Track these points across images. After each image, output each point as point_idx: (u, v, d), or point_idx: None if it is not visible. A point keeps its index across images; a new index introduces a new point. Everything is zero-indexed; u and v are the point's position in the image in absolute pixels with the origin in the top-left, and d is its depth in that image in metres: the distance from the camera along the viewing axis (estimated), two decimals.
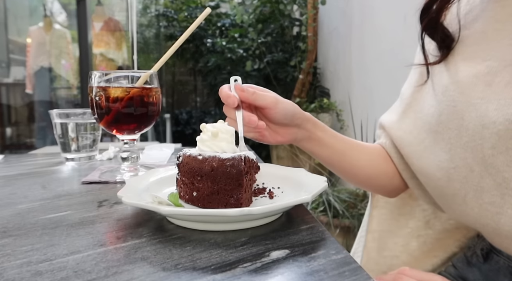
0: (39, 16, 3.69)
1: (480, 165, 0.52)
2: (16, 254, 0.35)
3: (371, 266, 0.78)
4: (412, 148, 0.63)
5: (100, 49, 3.79)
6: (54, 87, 3.84)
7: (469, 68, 0.54)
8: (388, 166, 0.69)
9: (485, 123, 0.50)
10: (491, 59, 0.51)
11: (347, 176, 0.71)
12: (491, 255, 0.61)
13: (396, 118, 0.67)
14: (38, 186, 0.62)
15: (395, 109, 0.69)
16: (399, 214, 0.80)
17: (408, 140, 0.63)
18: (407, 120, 0.64)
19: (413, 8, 0.57)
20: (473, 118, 0.51)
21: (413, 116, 0.63)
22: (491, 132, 0.49)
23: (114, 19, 3.87)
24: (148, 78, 0.64)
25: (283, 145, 3.06)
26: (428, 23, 0.57)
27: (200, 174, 0.44)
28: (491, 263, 0.61)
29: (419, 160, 0.61)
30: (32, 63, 3.53)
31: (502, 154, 0.49)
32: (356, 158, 0.68)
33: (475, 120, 0.51)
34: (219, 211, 0.37)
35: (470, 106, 0.52)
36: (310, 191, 0.43)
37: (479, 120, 0.51)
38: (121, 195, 0.42)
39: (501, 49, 0.50)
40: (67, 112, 0.83)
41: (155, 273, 0.31)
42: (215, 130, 0.45)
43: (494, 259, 0.60)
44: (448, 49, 0.57)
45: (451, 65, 0.57)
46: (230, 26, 4.31)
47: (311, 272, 0.31)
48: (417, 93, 0.63)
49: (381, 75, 2.19)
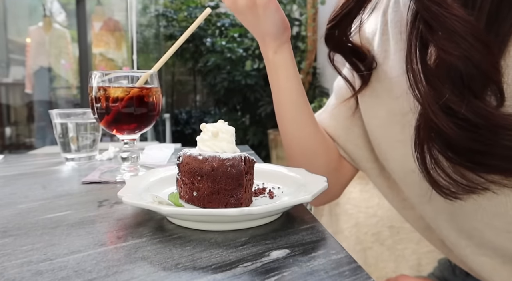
0: (38, 16, 3.69)
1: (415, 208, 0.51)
2: (16, 254, 0.35)
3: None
4: (370, 165, 0.59)
5: (100, 49, 3.79)
6: (54, 87, 3.83)
7: (386, 102, 0.50)
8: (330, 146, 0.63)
9: (406, 170, 0.47)
10: (401, 96, 0.46)
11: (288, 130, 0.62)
12: None
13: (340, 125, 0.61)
14: (38, 186, 0.62)
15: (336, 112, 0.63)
16: (366, 206, 0.79)
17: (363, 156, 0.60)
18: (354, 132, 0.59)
19: None
20: (396, 164, 0.49)
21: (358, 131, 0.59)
22: (412, 180, 0.46)
23: (113, 19, 3.87)
24: (148, 78, 0.64)
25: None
26: (334, 45, 0.54)
27: (200, 174, 0.44)
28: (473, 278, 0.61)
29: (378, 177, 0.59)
30: (32, 63, 3.53)
31: (428, 204, 0.47)
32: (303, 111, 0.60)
33: (398, 166, 0.49)
34: (219, 211, 0.37)
35: (391, 149, 0.49)
36: (310, 191, 0.43)
37: (401, 165, 0.48)
38: (121, 195, 0.42)
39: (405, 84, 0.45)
40: (67, 112, 0.83)
41: (156, 273, 0.31)
42: (215, 130, 0.45)
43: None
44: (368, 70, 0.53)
45: (370, 93, 0.53)
46: (230, 25, 4.32)
47: (311, 272, 0.31)
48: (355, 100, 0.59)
49: None
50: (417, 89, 0.38)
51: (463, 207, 0.44)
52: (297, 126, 0.60)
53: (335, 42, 0.54)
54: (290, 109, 0.60)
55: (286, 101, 0.59)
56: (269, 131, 3.45)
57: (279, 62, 0.58)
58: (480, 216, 0.43)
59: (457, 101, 0.35)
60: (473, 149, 0.37)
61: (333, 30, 0.52)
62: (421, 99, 0.38)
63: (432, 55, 0.38)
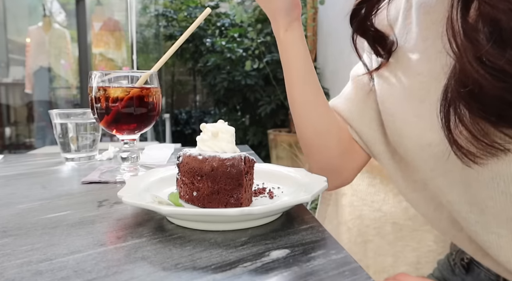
0: (38, 16, 3.69)
1: (427, 185, 0.52)
2: (16, 254, 0.35)
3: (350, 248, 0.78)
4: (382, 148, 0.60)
5: (100, 49, 3.79)
6: (54, 87, 3.84)
7: (403, 81, 0.52)
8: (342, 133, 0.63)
9: (422, 144, 0.48)
10: (422, 73, 0.49)
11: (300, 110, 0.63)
12: (472, 266, 0.61)
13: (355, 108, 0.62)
14: (38, 186, 0.62)
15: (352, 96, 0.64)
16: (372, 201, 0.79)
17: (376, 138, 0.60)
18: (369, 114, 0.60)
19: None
20: (411, 138, 0.50)
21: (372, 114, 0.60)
22: (428, 154, 0.48)
23: (113, 19, 3.88)
24: (148, 78, 0.64)
25: (283, 145, 3.07)
26: (359, 25, 0.56)
27: (200, 174, 0.44)
28: (473, 274, 0.61)
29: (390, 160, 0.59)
30: (32, 63, 3.53)
31: (442, 177, 0.48)
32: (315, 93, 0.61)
33: (413, 140, 0.50)
34: (219, 211, 0.37)
35: (407, 124, 0.50)
36: (310, 191, 0.43)
37: (416, 140, 0.49)
38: (121, 195, 0.42)
39: (430, 61, 0.48)
40: (67, 112, 0.83)
41: (155, 273, 0.31)
42: (215, 130, 0.45)
43: (475, 271, 0.61)
44: (387, 54, 0.55)
45: (389, 73, 0.55)
46: (230, 26, 4.32)
47: (311, 272, 0.31)
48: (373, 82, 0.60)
49: None
50: (455, 44, 0.40)
51: (479, 176, 0.45)
52: (309, 106, 0.61)
53: (359, 23, 0.55)
54: (301, 89, 0.61)
55: (297, 80, 0.60)
56: (269, 131, 3.45)
57: (289, 40, 0.59)
58: (497, 184, 0.44)
59: (496, 54, 0.37)
60: (503, 100, 0.39)
61: (361, 5, 0.54)
62: (458, 52, 0.40)
63: (472, 14, 0.40)
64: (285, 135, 3.22)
